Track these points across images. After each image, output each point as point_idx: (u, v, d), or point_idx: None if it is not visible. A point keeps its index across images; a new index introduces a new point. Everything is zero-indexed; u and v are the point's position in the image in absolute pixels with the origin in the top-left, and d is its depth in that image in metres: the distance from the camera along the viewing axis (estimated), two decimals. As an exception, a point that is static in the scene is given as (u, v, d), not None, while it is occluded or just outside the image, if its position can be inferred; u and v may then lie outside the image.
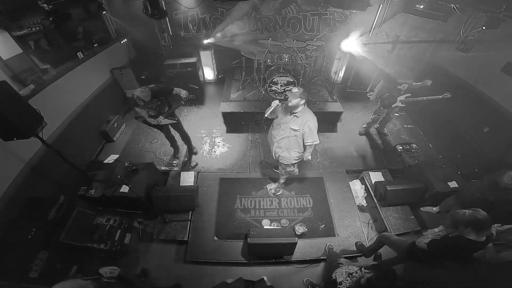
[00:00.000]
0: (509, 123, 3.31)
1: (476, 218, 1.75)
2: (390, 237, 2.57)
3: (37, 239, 2.56)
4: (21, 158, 2.93)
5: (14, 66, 3.06)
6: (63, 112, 3.70)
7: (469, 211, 1.79)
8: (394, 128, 4.87)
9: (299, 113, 2.65)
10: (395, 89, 3.76)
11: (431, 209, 3.27)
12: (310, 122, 2.64)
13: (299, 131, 2.70)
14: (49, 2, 3.19)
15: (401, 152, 4.19)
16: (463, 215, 1.80)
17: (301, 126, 2.67)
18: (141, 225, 3.28)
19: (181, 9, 5.23)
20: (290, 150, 2.88)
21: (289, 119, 2.73)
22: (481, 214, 1.76)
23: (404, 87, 3.69)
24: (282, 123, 2.81)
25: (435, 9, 3.84)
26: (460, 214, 1.82)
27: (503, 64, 3.43)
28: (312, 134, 2.70)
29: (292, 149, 2.87)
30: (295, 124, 2.68)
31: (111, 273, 1.66)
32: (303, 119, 2.65)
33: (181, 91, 3.17)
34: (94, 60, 4.40)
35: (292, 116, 2.69)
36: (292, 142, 2.82)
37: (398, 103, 3.83)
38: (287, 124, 2.74)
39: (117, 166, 3.34)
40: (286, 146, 2.87)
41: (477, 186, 2.68)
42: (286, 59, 4.64)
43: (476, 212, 1.77)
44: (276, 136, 2.90)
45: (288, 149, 2.89)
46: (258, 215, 3.35)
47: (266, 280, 2.52)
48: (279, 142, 2.90)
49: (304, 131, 2.68)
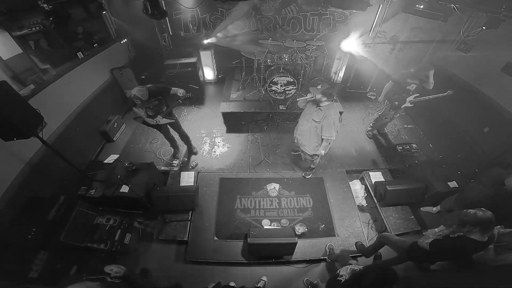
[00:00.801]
0: (509, 123, 3.31)
1: (487, 218, 1.75)
2: (390, 237, 2.57)
3: (37, 239, 2.56)
4: (21, 158, 2.93)
5: (14, 66, 3.06)
6: (63, 112, 3.70)
7: (479, 211, 1.79)
8: (394, 128, 4.87)
9: (324, 107, 2.83)
10: (404, 90, 3.75)
11: (431, 209, 3.27)
12: (330, 116, 2.79)
13: (319, 123, 2.87)
14: (49, 2, 3.19)
15: (401, 152, 4.19)
16: (473, 215, 1.79)
17: (321, 119, 2.84)
18: (141, 225, 3.28)
19: (181, 9, 5.23)
20: (310, 140, 3.10)
21: (313, 110, 2.94)
22: (490, 214, 1.77)
23: (413, 87, 3.68)
24: (307, 113, 3.06)
25: (435, 9, 3.84)
26: (471, 214, 1.81)
27: (503, 64, 3.43)
28: (329, 128, 2.84)
29: (312, 139, 3.09)
30: (317, 116, 2.88)
31: (117, 273, 1.65)
32: (325, 113, 2.82)
33: (178, 90, 3.17)
34: (94, 60, 4.39)
35: (317, 108, 2.88)
36: (312, 133, 3.03)
37: (407, 103, 3.83)
38: (311, 114, 2.96)
39: (117, 166, 3.34)
40: (307, 135, 3.11)
41: (481, 187, 2.67)
42: (286, 59, 4.64)
43: (485, 212, 1.77)
44: (301, 124, 3.18)
45: (308, 139, 3.12)
46: (258, 215, 3.35)
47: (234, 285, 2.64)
48: (302, 130, 3.17)
49: (323, 124, 2.85)
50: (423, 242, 2.03)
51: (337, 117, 2.84)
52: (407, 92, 3.74)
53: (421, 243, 2.06)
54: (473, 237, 1.80)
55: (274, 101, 4.82)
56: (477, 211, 1.80)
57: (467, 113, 3.99)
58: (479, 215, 1.77)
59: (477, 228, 1.77)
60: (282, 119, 4.84)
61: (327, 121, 2.81)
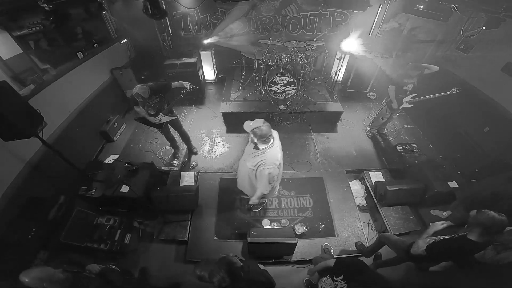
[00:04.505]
0: (509, 123, 3.31)
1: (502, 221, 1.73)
2: (390, 237, 2.57)
3: (37, 239, 2.56)
4: (21, 158, 2.93)
5: (14, 66, 3.06)
6: (63, 112, 3.70)
7: (498, 215, 1.76)
8: (394, 128, 4.87)
9: (259, 151, 2.19)
10: (400, 90, 3.75)
11: (441, 213, 3.22)
12: (265, 167, 2.14)
13: (253, 171, 2.26)
14: (49, 2, 3.18)
15: (401, 152, 4.19)
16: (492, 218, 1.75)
17: (255, 167, 2.22)
18: (141, 225, 3.28)
19: (181, 9, 5.23)
20: (245, 184, 2.58)
21: (250, 152, 2.30)
22: (505, 218, 1.75)
23: (410, 87, 3.68)
24: (246, 152, 2.43)
25: (435, 9, 3.84)
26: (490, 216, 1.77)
27: (503, 64, 3.43)
28: (261, 180, 2.22)
29: (248, 184, 2.53)
30: (252, 162, 2.25)
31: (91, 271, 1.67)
32: (261, 160, 2.16)
33: (183, 83, 3.21)
34: (94, 60, 4.40)
35: (254, 150, 2.24)
36: (247, 178, 2.45)
37: (405, 104, 3.82)
38: (248, 156, 2.33)
39: (117, 166, 3.35)
40: (242, 178, 2.59)
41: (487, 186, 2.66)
42: (286, 59, 4.64)
43: (503, 216, 1.75)
44: (240, 164, 2.66)
45: (242, 181, 2.65)
46: (258, 215, 3.35)
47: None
48: (239, 170, 2.67)
49: (256, 173, 2.24)
50: (419, 250, 2.00)
51: (273, 167, 2.16)
52: (404, 93, 3.74)
53: (415, 251, 2.02)
54: (472, 238, 1.80)
55: (274, 101, 4.82)
56: (496, 214, 1.76)
57: (467, 113, 3.99)
58: (497, 218, 1.74)
59: (494, 229, 1.76)
60: (282, 119, 4.84)
61: (259, 173, 2.18)
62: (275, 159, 2.20)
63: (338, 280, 1.65)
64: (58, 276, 1.53)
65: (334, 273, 1.71)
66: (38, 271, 1.52)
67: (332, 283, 1.69)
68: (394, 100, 3.89)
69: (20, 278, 1.47)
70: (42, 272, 1.52)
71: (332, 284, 1.69)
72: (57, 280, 1.52)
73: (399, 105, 3.85)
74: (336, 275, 1.69)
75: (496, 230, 1.76)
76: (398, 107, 3.89)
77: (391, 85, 3.89)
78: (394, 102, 3.89)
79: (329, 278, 1.75)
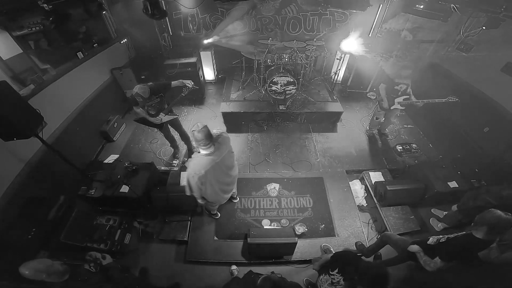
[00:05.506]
0: (509, 123, 3.31)
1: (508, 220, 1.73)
2: (392, 236, 2.58)
3: (37, 239, 2.56)
4: (21, 158, 2.93)
5: (14, 66, 3.06)
6: (63, 112, 3.70)
7: (505, 214, 1.76)
8: (394, 128, 4.87)
9: (195, 155, 2.28)
10: (392, 90, 3.73)
11: (441, 213, 3.22)
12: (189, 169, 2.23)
13: None
14: (49, 2, 3.18)
15: (401, 152, 4.19)
16: (499, 217, 1.76)
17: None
18: (141, 225, 3.28)
19: (181, 9, 5.23)
20: None
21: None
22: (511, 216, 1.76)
23: (402, 87, 3.66)
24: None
25: (435, 9, 3.84)
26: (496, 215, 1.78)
27: (503, 64, 3.43)
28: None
29: None
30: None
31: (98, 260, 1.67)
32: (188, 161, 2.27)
33: (183, 81, 3.22)
34: (94, 60, 4.39)
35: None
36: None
37: (397, 105, 3.80)
38: None
39: (117, 166, 3.35)
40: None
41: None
42: (286, 59, 4.64)
43: (509, 215, 1.76)
44: None
45: None
46: (258, 215, 3.35)
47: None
48: None
49: None
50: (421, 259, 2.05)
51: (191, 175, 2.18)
52: (395, 93, 3.73)
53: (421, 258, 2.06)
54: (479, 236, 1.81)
55: (274, 101, 4.82)
56: (502, 213, 1.77)
57: (467, 113, 3.99)
58: (503, 217, 1.75)
59: (501, 229, 1.77)
60: (282, 119, 4.84)
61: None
62: (198, 168, 2.16)
63: (333, 274, 1.69)
64: (57, 268, 1.55)
65: (330, 267, 1.75)
66: (37, 262, 1.53)
67: (328, 278, 1.72)
68: (384, 99, 3.87)
69: (20, 270, 1.48)
70: (41, 263, 1.54)
71: (329, 279, 1.71)
72: (56, 271, 1.54)
73: (390, 105, 3.82)
74: (332, 269, 1.73)
75: (502, 229, 1.76)
76: (389, 107, 3.86)
77: (382, 83, 3.88)
78: (385, 101, 3.87)
79: (325, 275, 1.78)
